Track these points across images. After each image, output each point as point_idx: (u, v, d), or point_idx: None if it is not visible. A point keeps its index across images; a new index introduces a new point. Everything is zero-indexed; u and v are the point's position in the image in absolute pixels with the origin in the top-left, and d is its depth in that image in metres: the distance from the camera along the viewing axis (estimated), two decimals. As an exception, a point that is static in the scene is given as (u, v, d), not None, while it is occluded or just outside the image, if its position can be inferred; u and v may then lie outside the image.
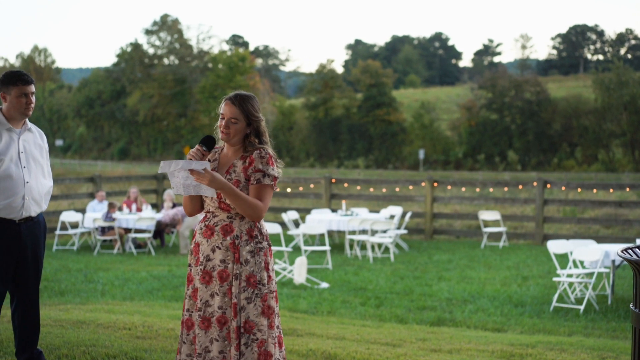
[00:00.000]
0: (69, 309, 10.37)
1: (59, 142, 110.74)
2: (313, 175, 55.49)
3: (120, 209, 20.43)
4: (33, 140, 6.33)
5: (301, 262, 14.17)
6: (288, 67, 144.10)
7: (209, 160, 5.27)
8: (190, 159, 5.07)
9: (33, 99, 6.18)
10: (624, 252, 4.86)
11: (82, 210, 21.20)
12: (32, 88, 6.18)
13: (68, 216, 20.01)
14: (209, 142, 5.18)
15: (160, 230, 20.02)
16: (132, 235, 19.02)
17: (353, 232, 19.09)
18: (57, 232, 19.91)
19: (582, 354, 8.18)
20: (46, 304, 11.23)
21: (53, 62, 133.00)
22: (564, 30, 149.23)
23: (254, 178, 5.11)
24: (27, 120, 6.30)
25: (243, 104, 5.15)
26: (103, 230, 19.34)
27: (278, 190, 24.65)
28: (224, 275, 5.07)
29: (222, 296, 5.06)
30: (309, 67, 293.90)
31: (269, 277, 5.14)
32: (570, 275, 12.79)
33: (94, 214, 19.61)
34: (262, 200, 5.10)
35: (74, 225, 20.77)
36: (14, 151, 6.14)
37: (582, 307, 11.85)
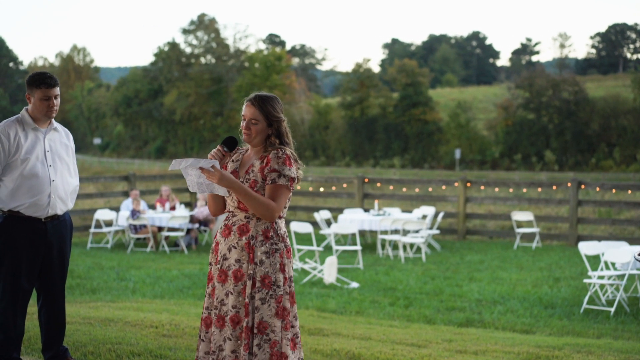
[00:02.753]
0: (99, 306, 10.48)
1: (97, 141, 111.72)
2: (348, 174, 55.37)
3: (153, 207, 20.56)
4: (59, 140, 6.41)
5: (331, 261, 14.19)
6: (324, 66, 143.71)
7: (232, 161, 5.32)
8: (211, 158, 5.12)
9: (57, 101, 6.23)
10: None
11: (117, 209, 21.36)
12: (56, 91, 6.22)
13: (102, 214, 20.17)
14: (230, 143, 5.22)
15: (194, 229, 20.09)
16: (165, 233, 19.15)
17: (385, 232, 19.06)
18: (92, 230, 20.05)
19: (610, 356, 8.12)
20: (77, 301, 11.35)
21: (92, 61, 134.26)
22: (603, 29, 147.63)
23: (270, 178, 5.09)
24: (52, 119, 6.37)
25: (263, 104, 5.17)
26: (136, 229, 19.48)
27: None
28: (239, 274, 5.08)
29: (236, 295, 5.08)
30: (346, 66, 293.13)
31: (285, 278, 5.13)
32: (601, 277, 12.68)
33: (128, 212, 19.74)
34: (276, 200, 5.06)
35: (108, 224, 20.95)
36: (39, 150, 6.22)
37: (612, 309, 11.76)
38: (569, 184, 20.83)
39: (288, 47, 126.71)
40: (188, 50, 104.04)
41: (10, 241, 6.16)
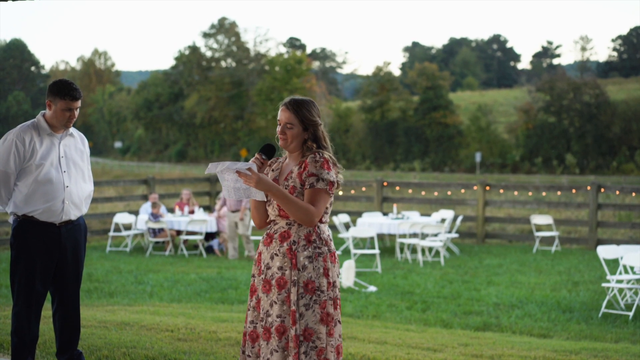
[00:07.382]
0: (116, 310, 10.51)
1: (118, 144, 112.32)
2: (369, 178, 55.34)
3: (172, 210, 20.59)
4: (74, 145, 6.42)
5: (349, 265, 14.17)
6: (345, 70, 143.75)
7: (272, 170, 5.23)
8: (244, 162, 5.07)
9: (77, 113, 6.25)
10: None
11: (136, 212, 21.39)
12: (79, 103, 6.23)
13: (121, 218, 20.22)
14: (268, 150, 5.11)
15: (213, 233, 20.06)
16: (184, 237, 19.18)
17: (404, 236, 19.02)
18: (111, 233, 20.10)
19: (627, 361, 8.07)
20: (94, 305, 11.39)
21: (113, 65, 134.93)
22: (624, 31, 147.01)
23: (308, 182, 4.96)
24: (69, 126, 6.39)
25: (298, 109, 5.08)
26: (155, 232, 19.52)
27: (341, 193, 24.70)
28: (282, 282, 4.95)
29: (280, 304, 4.95)
30: (366, 69, 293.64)
31: (329, 283, 5.01)
32: (620, 281, 12.61)
33: (147, 216, 19.78)
34: (315, 204, 4.95)
35: (128, 227, 21.01)
36: (54, 156, 6.24)
37: (631, 314, 11.68)
38: (589, 188, 20.73)
39: (308, 50, 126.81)
40: (209, 53, 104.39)
41: (25, 245, 6.19)
